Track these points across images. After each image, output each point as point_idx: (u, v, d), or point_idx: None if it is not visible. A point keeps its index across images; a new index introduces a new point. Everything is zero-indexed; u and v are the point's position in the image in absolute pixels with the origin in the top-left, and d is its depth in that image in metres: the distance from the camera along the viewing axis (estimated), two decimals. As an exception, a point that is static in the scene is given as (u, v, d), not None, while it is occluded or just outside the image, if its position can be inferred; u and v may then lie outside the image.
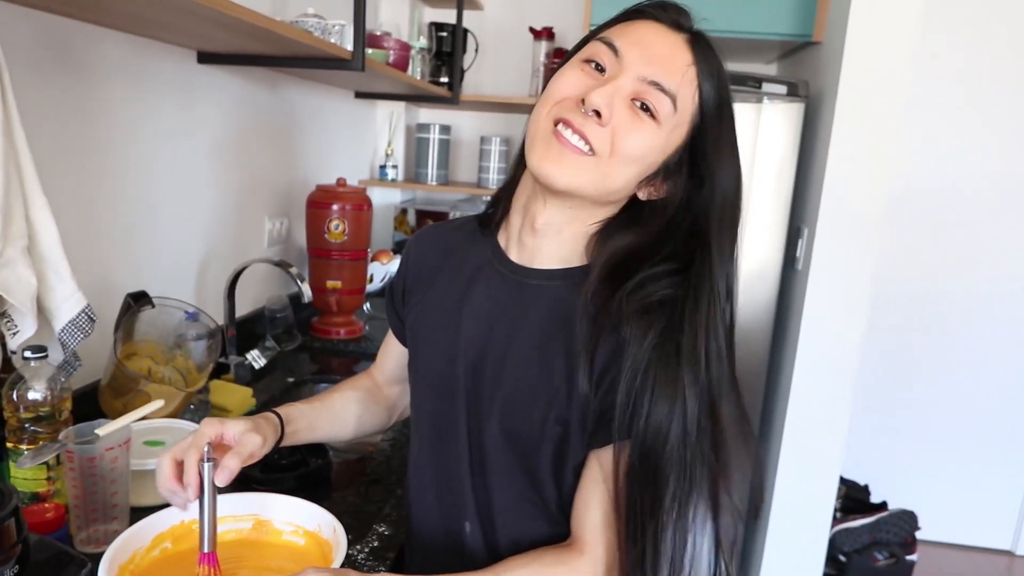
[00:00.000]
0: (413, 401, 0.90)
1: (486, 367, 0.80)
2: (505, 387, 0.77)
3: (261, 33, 1.18)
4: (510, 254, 0.82)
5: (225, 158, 1.63)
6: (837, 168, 1.99)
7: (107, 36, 1.21)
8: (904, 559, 2.42)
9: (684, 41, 0.71)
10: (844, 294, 2.05)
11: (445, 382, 0.83)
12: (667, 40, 0.71)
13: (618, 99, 0.69)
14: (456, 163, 2.82)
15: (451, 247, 0.90)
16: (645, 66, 0.69)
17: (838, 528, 2.45)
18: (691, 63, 0.70)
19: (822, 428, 2.13)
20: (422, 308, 0.88)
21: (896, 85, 1.93)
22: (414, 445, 0.90)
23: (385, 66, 1.77)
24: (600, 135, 0.70)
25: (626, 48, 0.70)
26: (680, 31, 0.72)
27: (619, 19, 0.75)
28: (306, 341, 1.87)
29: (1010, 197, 2.75)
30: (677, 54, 0.70)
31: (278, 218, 1.91)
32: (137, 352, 1.24)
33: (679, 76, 0.70)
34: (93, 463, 0.86)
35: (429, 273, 0.90)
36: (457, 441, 0.82)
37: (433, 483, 0.86)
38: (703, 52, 0.71)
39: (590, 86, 0.70)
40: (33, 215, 0.96)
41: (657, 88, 0.69)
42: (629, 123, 0.70)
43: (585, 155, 0.70)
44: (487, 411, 0.79)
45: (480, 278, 0.83)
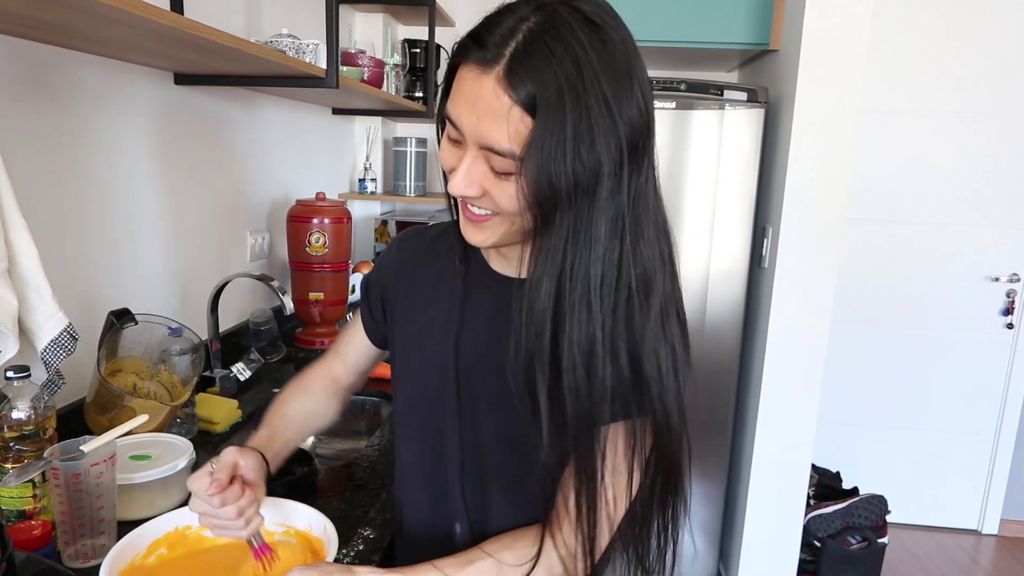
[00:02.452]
0: (402, 407, 0.89)
1: (478, 373, 0.80)
2: (497, 391, 0.78)
3: (236, 54, 1.18)
4: (492, 263, 0.83)
5: (205, 176, 1.62)
6: (797, 170, 2.02)
7: (83, 60, 1.20)
8: (876, 542, 2.45)
9: (496, 80, 0.61)
10: (809, 289, 2.07)
11: (438, 389, 0.83)
12: (483, 88, 0.62)
13: (475, 171, 0.66)
14: (433, 174, 2.82)
15: (435, 254, 0.89)
16: (477, 131, 0.64)
17: (812, 514, 2.47)
18: (511, 103, 0.61)
19: (793, 419, 2.15)
20: (411, 317, 0.87)
21: (850, 89, 1.96)
22: (403, 450, 0.90)
23: (360, 83, 1.77)
24: (484, 203, 0.69)
25: (458, 116, 0.65)
26: (494, 65, 0.61)
27: (453, 60, 0.67)
28: (290, 352, 1.86)
29: (960, 195, 2.81)
30: (495, 103, 0.61)
31: (260, 233, 1.90)
32: (122, 368, 1.22)
33: (505, 126, 0.62)
34: (79, 479, 0.85)
35: (413, 279, 0.89)
36: (450, 445, 0.82)
37: (424, 487, 0.86)
38: (521, 74, 0.60)
39: (453, 165, 0.68)
40: (12, 237, 0.95)
41: (493, 152, 0.64)
42: (496, 187, 0.66)
43: (490, 216, 0.70)
44: (482, 415, 0.80)
45: (468, 287, 0.83)
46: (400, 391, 0.90)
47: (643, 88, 0.64)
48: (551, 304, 0.64)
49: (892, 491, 2.84)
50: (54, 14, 0.89)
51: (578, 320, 0.64)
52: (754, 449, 2.19)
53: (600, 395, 0.66)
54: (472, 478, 0.82)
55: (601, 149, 0.61)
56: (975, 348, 2.90)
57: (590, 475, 0.68)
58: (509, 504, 0.80)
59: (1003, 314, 2.87)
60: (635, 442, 0.70)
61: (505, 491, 0.80)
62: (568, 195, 0.61)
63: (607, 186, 0.62)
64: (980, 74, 2.71)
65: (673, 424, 0.70)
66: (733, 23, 2.20)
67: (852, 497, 2.53)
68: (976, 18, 2.67)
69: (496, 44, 0.62)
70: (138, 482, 0.97)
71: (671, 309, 0.70)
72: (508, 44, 0.61)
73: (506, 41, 0.61)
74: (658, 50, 2.32)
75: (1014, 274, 2.84)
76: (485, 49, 0.62)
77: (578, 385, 0.65)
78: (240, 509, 0.74)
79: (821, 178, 2.01)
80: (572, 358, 0.64)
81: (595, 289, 0.64)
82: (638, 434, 0.70)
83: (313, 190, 2.14)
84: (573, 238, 0.63)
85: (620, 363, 0.66)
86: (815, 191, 2.02)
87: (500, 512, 0.81)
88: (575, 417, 0.66)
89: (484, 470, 0.81)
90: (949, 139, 2.77)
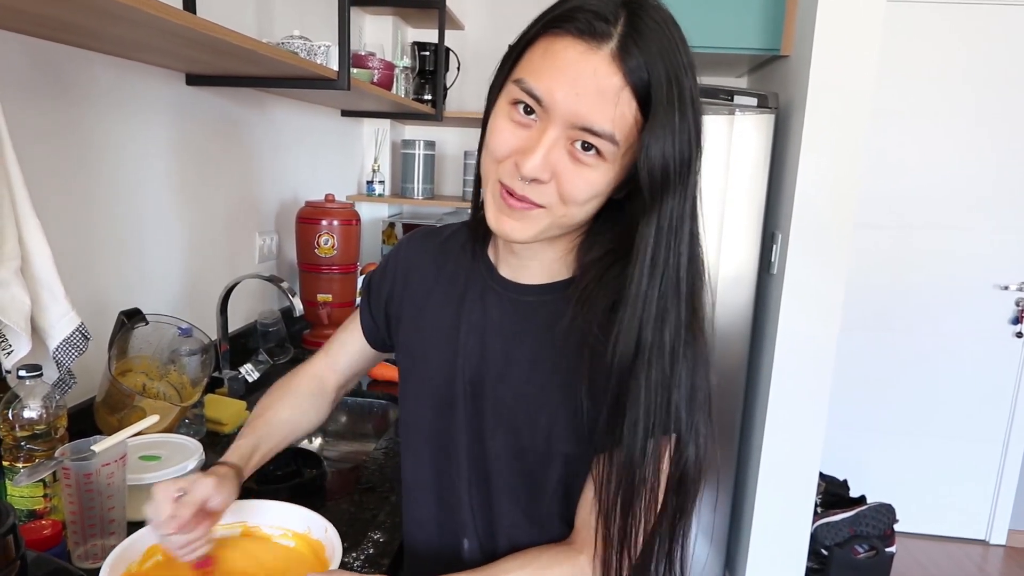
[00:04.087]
0: (407, 418, 0.86)
1: (486, 384, 0.77)
2: (506, 404, 0.76)
3: (248, 55, 1.18)
4: (500, 270, 0.80)
5: (215, 177, 1.62)
6: (807, 176, 2.01)
7: (97, 60, 1.20)
8: (884, 551, 2.43)
9: (609, 58, 0.59)
10: (818, 296, 2.07)
11: (444, 399, 0.80)
12: (590, 65, 0.59)
13: (554, 153, 0.63)
14: (441, 177, 2.82)
15: (444, 259, 0.86)
16: (572, 110, 0.61)
17: (819, 523, 2.46)
18: (622, 85, 0.59)
19: (801, 426, 2.14)
20: (418, 322, 0.84)
21: (861, 95, 1.96)
22: (408, 462, 0.87)
23: (370, 85, 1.77)
24: (544, 193, 0.65)
25: (550, 91, 0.61)
26: (603, 43, 0.59)
27: (538, 33, 0.64)
28: (298, 354, 1.86)
29: (969, 201, 2.80)
30: (604, 82, 0.59)
31: (268, 234, 1.90)
32: (132, 368, 1.22)
33: (612, 108, 0.60)
34: (89, 479, 0.84)
35: (421, 284, 0.86)
36: (457, 458, 0.79)
37: (431, 501, 0.83)
38: (636, 56, 0.59)
39: (521, 146, 0.64)
40: (26, 236, 0.95)
41: (590, 133, 0.61)
42: (572, 172, 0.63)
43: (536, 208, 0.66)
44: (491, 428, 0.77)
45: (476, 295, 0.80)
46: (406, 401, 0.86)
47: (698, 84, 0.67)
48: (657, 287, 0.65)
49: (900, 500, 2.82)
50: (69, 13, 0.89)
51: (672, 306, 0.65)
52: (762, 456, 2.18)
53: (668, 383, 0.66)
54: (480, 492, 0.79)
55: (693, 141, 0.63)
56: (984, 356, 2.89)
57: (638, 490, 0.67)
58: (518, 518, 0.78)
59: (1012, 323, 2.85)
60: (672, 458, 0.69)
61: (514, 505, 0.78)
62: (671, 182, 0.63)
63: (692, 179, 0.65)
64: (990, 78, 2.70)
65: (700, 444, 0.69)
66: (744, 28, 2.20)
67: (860, 505, 2.52)
68: (986, 23, 2.67)
69: (604, 20, 0.60)
70: (148, 482, 0.97)
71: (702, 310, 0.70)
72: (616, 24, 0.60)
73: (614, 20, 0.60)
74: (668, 55, 2.32)
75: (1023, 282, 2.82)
76: (593, 22, 0.60)
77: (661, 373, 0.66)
78: (188, 542, 0.72)
79: (831, 184, 2.01)
80: (662, 347, 0.65)
81: (683, 277, 0.66)
82: (669, 451, 0.69)
83: (322, 192, 2.15)
84: (670, 230, 0.64)
85: (676, 360, 0.66)
86: (825, 197, 2.02)
87: (509, 525, 0.78)
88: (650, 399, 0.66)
89: (492, 484, 0.78)
90: (959, 143, 2.77)
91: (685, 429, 0.68)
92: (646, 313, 0.65)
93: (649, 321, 0.65)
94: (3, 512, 0.71)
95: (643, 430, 0.66)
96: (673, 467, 0.69)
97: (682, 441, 0.68)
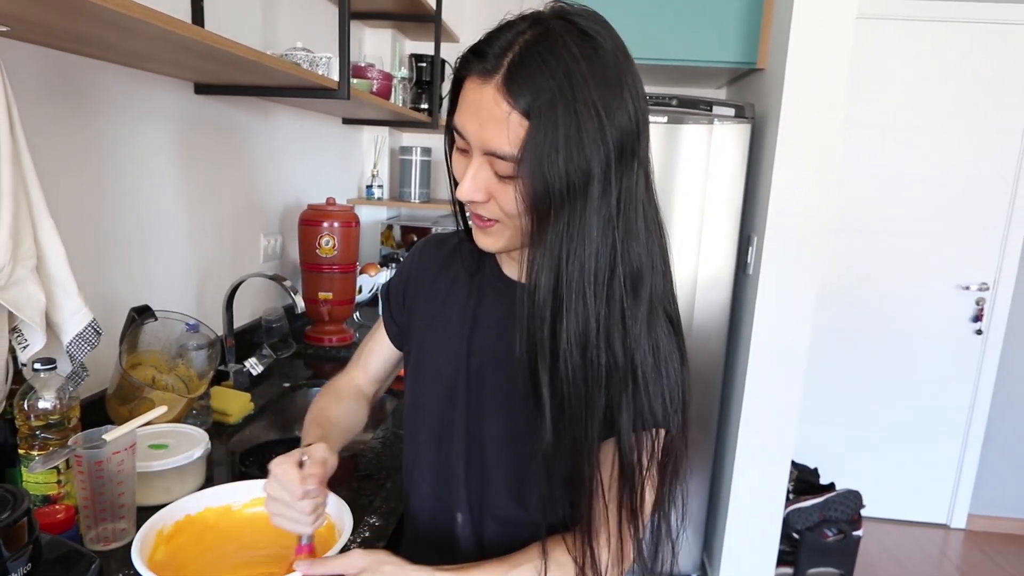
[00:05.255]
0: (413, 402, 0.89)
1: (487, 374, 0.81)
2: (504, 392, 0.79)
3: (253, 66, 1.18)
4: (504, 268, 0.84)
5: (222, 181, 1.62)
6: (781, 181, 2.02)
7: (109, 70, 1.20)
8: (851, 535, 2.45)
9: (496, 88, 0.63)
10: (792, 296, 2.08)
11: (450, 387, 0.83)
12: (484, 97, 0.64)
13: (481, 176, 0.67)
14: (437, 182, 2.82)
15: (454, 262, 0.89)
16: (481, 138, 0.65)
17: (791, 508, 2.48)
18: (510, 109, 0.62)
19: (775, 418, 2.16)
20: (430, 318, 0.88)
21: (832, 106, 1.97)
22: (411, 442, 0.90)
23: (369, 95, 1.77)
24: (490, 209, 0.70)
25: (463, 125, 0.67)
26: (493, 75, 0.63)
27: (457, 75, 0.69)
28: (300, 349, 1.86)
29: (932, 207, 2.82)
30: (495, 108, 0.63)
31: (272, 235, 1.90)
32: (141, 362, 1.22)
33: (504, 129, 0.63)
34: (101, 466, 0.85)
35: (433, 284, 0.89)
36: (457, 440, 0.83)
37: (431, 478, 0.86)
38: (518, 81, 0.62)
39: (462, 173, 0.69)
40: (41, 236, 0.95)
41: (496, 157, 0.65)
42: (501, 190, 0.67)
43: (495, 223, 0.72)
44: (489, 415, 0.80)
45: (483, 293, 0.84)
46: (414, 388, 0.89)
47: (633, 93, 0.65)
48: (550, 296, 0.65)
49: (867, 487, 2.85)
50: (84, 26, 0.89)
51: (574, 311, 0.65)
52: (737, 446, 2.19)
53: (594, 380, 0.66)
54: (475, 472, 0.82)
55: (591, 151, 0.62)
56: (946, 352, 2.92)
57: (630, 479, 0.68)
58: (508, 498, 0.81)
59: (973, 320, 2.88)
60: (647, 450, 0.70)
61: (505, 486, 0.81)
62: (561, 195, 0.63)
63: (598, 186, 0.63)
64: (954, 92, 2.72)
65: (675, 424, 0.70)
66: (722, 43, 2.21)
67: (829, 492, 2.54)
68: (948, 39, 2.69)
69: (495, 55, 0.63)
70: (156, 470, 0.98)
71: (658, 308, 0.70)
72: (506, 55, 0.63)
73: (504, 53, 0.63)
74: (651, 68, 2.33)
75: (983, 283, 2.85)
76: (486, 60, 0.64)
77: (574, 371, 0.66)
78: (316, 505, 0.72)
79: (804, 190, 2.02)
80: (569, 346, 0.65)
81: (589, 283, 0.65)
82: (649, 437, 0.70)
83: (323, 195, 2.15)
84: (567, 235, 0.64)
85: (615, 354, 0.66)
86: (798, 202, 2.03)
87: (499, 504, 0.81)
88: (572, 401, 0.67)
89: (487, 466, 0.81)
90: (923, 152, 2.79)
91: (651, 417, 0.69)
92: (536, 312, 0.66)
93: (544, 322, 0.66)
94: (19, 497, 0.72)
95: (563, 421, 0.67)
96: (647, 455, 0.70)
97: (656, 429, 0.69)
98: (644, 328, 0.67)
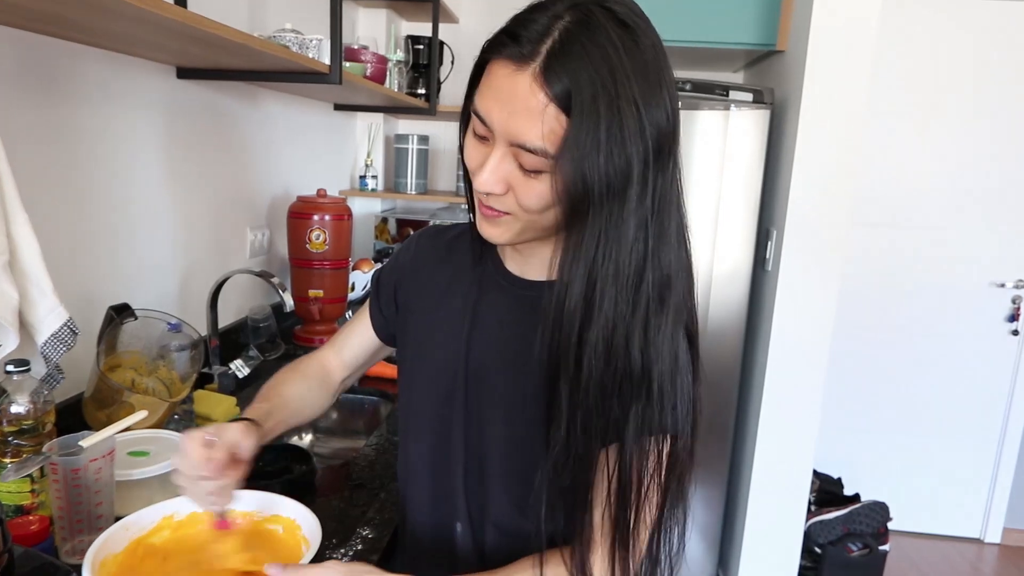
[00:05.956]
0: (408, 406, 0.90)
1: (488, 375, 0.81)
2: (505, 394, 0.79)
3: (239, 49, 1.18)
4: (507, 264, 0.84)
5: (206, 171, 1.62)
6: (803, 171, 2.02)
7: (86, 53, 1.20)
8: (877, 549, 2.45)
9: (532, 77, 0.62)
10: (813, 293, 2.08)
11: (448, 388, 0.84)
12: (517, 85, 0.63)
13: (503, 168, 0.67)
14: (435, 172, 2.83)
15: (453, 255, 0.90)
16: (508, 128, 0.64)
17: (813, 520, 2.48)
18: (547, 101, 0.61)
19: (795, 423, 2.16)
20: (427, 314, 0.88)
21: (857, 90, 1.97)
22: (407, 447, 0.90)
23: (363, 79, 1.77)
24: (504, 202, 0.70)
25: (488, 112, 0.66)
26: (529, 62, 0.62)
27: (484, 54, 0.68)
28: (289, 350, 1.87)
29: (965, 199, 2.81)
30: (530, 99, 0.62)
31: (260, 229, 1.91)
32: (120, 364, 1.23)
33: (539, 124, 0.62)
34: (77, 474, 0.85)
35: (430, 279, 0.90)
36: (455, 445, 0.83)
37: (428, 485, 0.87)
38: (558, 71, 0.61)
39: (480, 161, 0.69)
40: (14, 231, 0.95)
41: (524, 150, 0.64)
42: (523, 184, 0.67)
43: (505, 215, 0.71)
44: (488, 417, 0.81)
45: (484, 289, 0.84)
46: (409, 389, 0.90)
47: (671, 91, 0.66)
48: (582, 303, 0.65)
49: (894, 498, 2.84)
50: (61, 7, 0.90)
51: (604, 316, 0.65)
52: (755, 453, 2.19)
53: (613, 389, 0.67)
54: (474, 479, 0.83)
55: (632, 151, 0.62)
56: (979, 355, 2.91)
57: (630, 492, 0.69)
58: (509, 506, 0.81)
59: (1008, 320, 2.87)
60: (657, 459, 0.71)
61: (505, 493, 0.81)
62: (600, 195, 0.63)
63: (636, 188, 0.64)
64: (989, 76, 2.71)
65: (683, 439, 0.71)
66: (739, 23, 2.21)
67: (853, 503, 2.54)
68: (985, 18, 2.68)
69: (532, 40, 0.62)
70: (136, 478, 0.98)
71: (681, 319, 0.71)
72: (544, 41, 0.62)
73: (542, 38, 0.62)
74: (664, 50, 2.33)
75: (1020, 280, 2.84)
76: (520, 44, 0.63)
77: (596, 379, 0.67)
78: (218, 488, 0.75)
79: (827, 181, 2.02)
80: (594, 351, 0.66)
81: (621, 288, 0.65)
82: (655, 449, 0.70)
83: (314, 186, 2.14)
84: (604, 238, 0.64)
85: (633, 362, 0.67)
86: (820, 194, 2.03)
87: (500, 513, 0.82)
88: (588, 409, 0.67)
89: (486, 471, 0.82)
90: (956, 141, 2.78)
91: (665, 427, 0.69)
92: (565, 317, 0.66)
93: (572, 328, 0.66)
94: (-9, 507, 0.72)
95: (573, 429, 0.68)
96: (655, 462, 0.71)
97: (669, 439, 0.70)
98: (666, 338, 0.68)
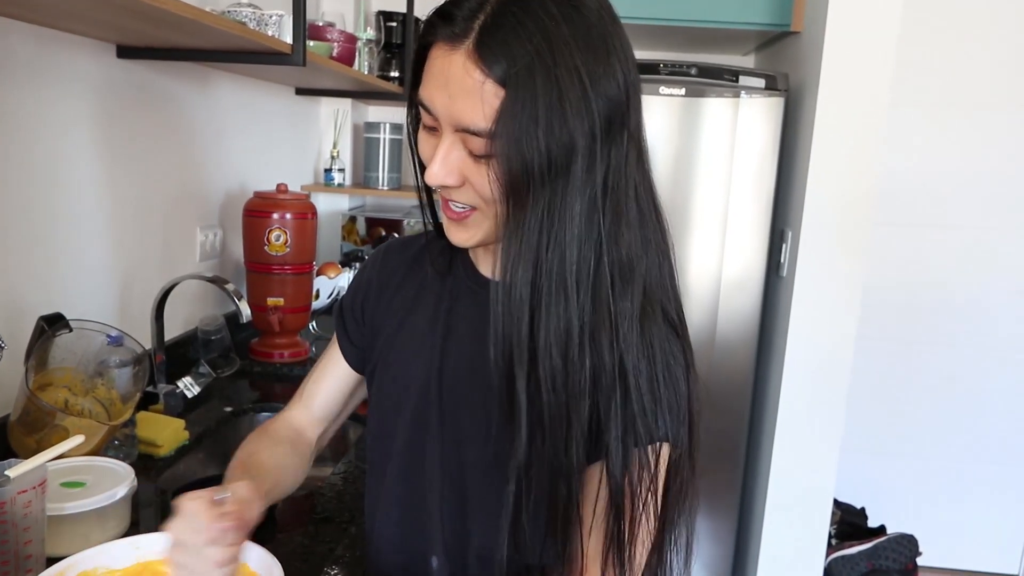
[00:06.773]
0: (377, 428, 0.90)
1: (463, 390, 0.81)
2: (484, 409, 0.79)
3: (189, 25, 1.18)
4: (479, 267, 0.85)
5: (151, 163, 1.61)
6: (821, 166, 2.04)
7: (13, 28, 1.19)
8: (905, 587, 2.47)
9: (466, 55, 0.64)
10: (833, 302, 2.10)
11: (419, 407, 0.84)
12: (454, 65, 0.65)
13: (453, 157, 0.69)
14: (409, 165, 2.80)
15: (422, 263, 0.90)
16: (451, 113, 0.67)
17: (834, 556, 2.49)
18: (483, 78, 0.64)
19: (813, 447, 2.17)
20: (394, 330, 0.88)
21: (880, 75, 1.99)
22: (374, 478, 0.90)
23: (329, 60, 1.77)
24: (465, 195, 0.72)
25: (430, 99, 0.68)
26: (463, 41, 0.65)
27: (421, 42, 0.71)
28: (245, 366, 1.86)
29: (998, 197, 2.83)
30: (466, 78, 0.64)
31: (211, 229, 1.90)
32: (52, 382, 1.22)
33: (479, 102, 0.64)
34: (3, 508, 0.84)
35: (398, 291, 0.90)
36: (429, 469, 0.83)
37: (399, 519, 0.87)
38: (491, 46, 0.64)
39: (430, 154, 0.71)
40: (-70, 230, 0.94)
41: (470, 133, 0.66)
42: (476, 172, 0.69)
43: (471, 212, 0.73)
44: (466, 439, 0.81)
45: (455, 298, 0.85)
46: (378, 410, 0.90)
47: (622, 58, 0.67)
48: (527, 290, 0.67)
49: (924, 530, 2.85)
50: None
51: (554, 306, 0.67)
52: (769, 481, 2.20)
53: (577, 386, 0.68)
54: (451, 506, 0.83)
55: (574, 124, 0.64)
56: (1018, 369, 2.94)
57: (622, 511, 0.70)
58: (489, 534, 0.80)
59: (1048, 332, 2.91)
60: (650, 470, 0.71)
61: (486, 520, 0.81)
62: (541, 173, 0.64)
63: (581, 163, 0.65)
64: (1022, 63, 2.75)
65: (679, 448, 0.72)
66: (750, 1, 2.23)
67: (879, 536, 2.56)
68: None
69: (464, 18, 0.65)
70: (70, 512, 0.97)
71: (655, 305, 0.72)
72: (476, 18, 0.65)
73: (474, 15, 0.65)
74: (667, 30, 2.35)
75: (1060, 287, 2.88)
76: (454, 24, 0.66)
77: (554, 376, 0.67)
78: (228, 557, 0.67)
79: (847, 176, 2.04)
80: (548, 346, 0.67)
81: (571, 274, 0.66)
82: (646, 460, 0.71)
83: (273, 181, 2.13)
84: (547, 219, 0.66)
85: (601, 355, 0.68)
86: (840, 191, 2.05)
87: (480, 543, 0.82)
88: (551, 411, 0.68)
89: (465, 498, 0.82)
90: (987, 135, 2.81)
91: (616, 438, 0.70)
92: (512, 309, 0.67)
93: (521, 320, 0.67)
94: (-98, 546, 0.71)
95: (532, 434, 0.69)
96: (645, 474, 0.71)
97: None
98: (636, 326, 0.69)
